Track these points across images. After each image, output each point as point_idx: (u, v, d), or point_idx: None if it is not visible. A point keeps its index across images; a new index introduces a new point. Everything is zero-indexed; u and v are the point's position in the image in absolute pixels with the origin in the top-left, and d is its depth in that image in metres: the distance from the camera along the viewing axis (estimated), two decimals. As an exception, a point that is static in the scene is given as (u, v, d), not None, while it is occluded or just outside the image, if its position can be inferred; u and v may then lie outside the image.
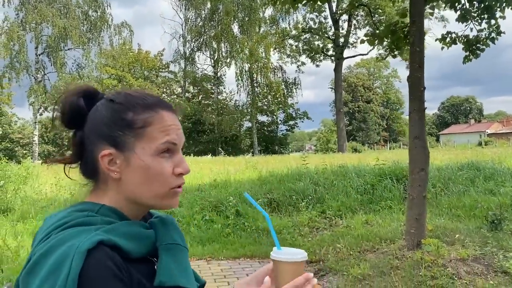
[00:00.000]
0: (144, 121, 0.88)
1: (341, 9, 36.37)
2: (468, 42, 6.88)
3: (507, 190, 8.12)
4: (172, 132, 0.90)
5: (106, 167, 0.87)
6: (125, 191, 0.89)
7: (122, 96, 0.92)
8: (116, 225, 0.83)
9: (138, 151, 0.87)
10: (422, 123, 5.64)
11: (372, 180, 9.03)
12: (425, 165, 5.58)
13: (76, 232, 0.77)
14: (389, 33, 6.66)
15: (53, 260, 0.73)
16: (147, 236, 0.87)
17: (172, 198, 0.91)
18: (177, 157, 0.90)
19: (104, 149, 0.87)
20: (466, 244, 5.63)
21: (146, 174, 0.87)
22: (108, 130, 0.88)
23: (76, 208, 0.87)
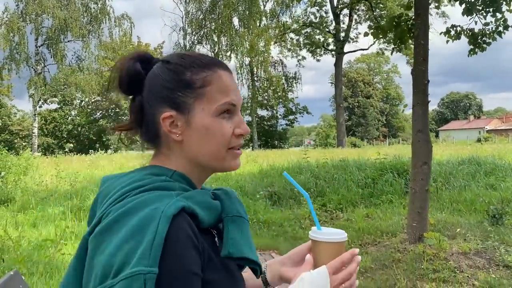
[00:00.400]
0: (203, 81, 0.88)
1: (342, 3, 36.23)
2: (474, 35, 6.83)
3: (508, 185, 8.13)
4: (232, 93, 0.90)
5: (167, 130, 0.87)
6: (187, 153, 0.89)
7: (177, 57, 0.92)
8: (192, 193, 0.83)
9: (198, 112, 0.87)
10: (425, 117, 5.62)
11: (373, 174, 9.03)
12: (427, 159, 5.57)
13: (158, 196, 0.78)
14: (393, 26, 6.62)
15: (136, 221, 0.72)
16: (216, 207, 0.86)
17: (233, 159, 0.91)
18: (236, 118, 0.90)
19: (164, 112, 0.87)
20: (467, 238, 5.63)
21: (206, 135, 0.87)
22: (168, 92, 0.88)
23: (150, 171, 0.87)
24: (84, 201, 8.46)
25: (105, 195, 0.85)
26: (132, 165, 13.10)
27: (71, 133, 40.62)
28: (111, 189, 0.85)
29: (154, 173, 0.86)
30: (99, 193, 0.89)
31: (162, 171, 0.87)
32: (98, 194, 0.90)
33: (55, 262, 4.97)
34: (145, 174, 0.86)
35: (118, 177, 0.89)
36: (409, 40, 6.68)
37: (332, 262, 0.87)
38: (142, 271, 0.68)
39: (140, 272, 0.68)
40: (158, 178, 0.84)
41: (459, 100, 74.46)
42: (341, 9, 36.69)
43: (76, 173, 11.29)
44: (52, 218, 7.39)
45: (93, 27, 32.43)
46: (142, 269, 0.68)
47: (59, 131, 40.16)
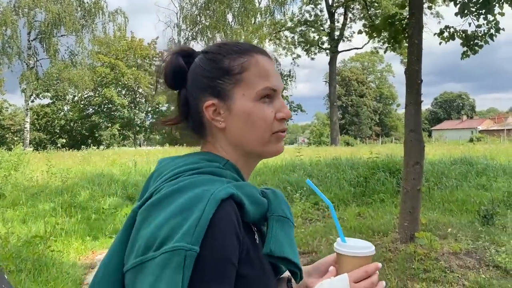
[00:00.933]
0: (241, 66, 0.89)
1: (337, 2, 36.21)
2: (467, 37, 6.83)
3: (499, 186, 8.17)
4: (272, 77, 0.90)
5: (211, 117, 0.90)
6: (231, 140, 0.91)
7: (215, 47, 0.94)
8: (243, 183, 0.84)
9: (238, 98, 0.88)
10: (418, 116, 5.62)
11: (365, 173, 9.04)
12: (420, 159, 5.57)
13: (210, 180, 0.80)
14: (387, 25, 6.61)
15: (186, 199, 0.74)
16: (262, 204, 0.87)
17: (277, 143, 0.91)
18: (277, 102, 0.91)
19: (207, 100, 0.89)
20: (458, 238, 5.65)
21: (248, 120, 0.88)
22: (208, 81, 0.90)
23: (204, 157, 0.89)
24: (75, 197, 8.40)
25: (159, 174, 0.87)
26: (124, 161, 13.04)
27: (64, 129, 40.32)
28: (165, 169, 0.87)
29: (208, 159, 0.88)
30: (154, 172, 0.91)
31: (216, 159, 0.89)
32: (152, 172, 0.92)
33: (44, 259, 4.92)
34: (200, 158, 0.88)
35: (173, 159, 0.91)
36: (403, 39, 6.68)
37: (355, 271, 0.87)
38: (184, 247, 0.69)
39: (182, 247, 0.69)
40: (212, 163, 0.86)
41: (452, 100, 74.86)
42: (336, 8, 36.69)
43: (68, 169, 11.21)
44: (42, 215, 7.33)
45: (86, 22, 32.17)
46: (184, 245, 0.69)
47: (51, 126, 39.84)
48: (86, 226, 6.87)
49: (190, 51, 0.95)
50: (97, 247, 6.10)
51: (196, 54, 0.95)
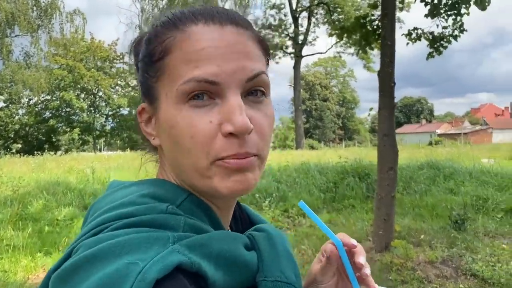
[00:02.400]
0: (162, 48, 0.57)
1: (301, 7, 36.49)
2: (433, 38, 6.82)
3: (467, 189, 8.16)
4: (208, 60, 0.54)
5: (143, 129, 0.64)
6: (169, 162, 0.62)
7: (160, 18, 0.62)
8: (205, 238, 0.52)
9: (162, 100, 0.58)
10: (391, 120, 5.44)
11: (334, 178, 8.87)
12: (394, 164, 5.40)
13: (145, 240, 0.48)
14: (358, 26, 6.45)
15: (99, 278, 0.45)
16: (245, 264, 0.54)
17: (226, 176, 0.55)
18: (225, 105, 0.55)
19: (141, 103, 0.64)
20: (433, 245, 5.50)
21: (172, 134, 0.56)
22: (139, 74, 0.63)
23: (151, 190, 0.57)
24: (26, 208, 7.75)
25: (95, 212, 0.60)
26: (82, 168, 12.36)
27: (18, 133, 38.49)
28: (101, 206, 0.59)
29: (155, 196, 0.56)
30: (93, 204, 0.65)
31: (170, 194, 0.57)
32: (91, 205, 0.65)
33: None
34: (143, 194, 0.56)
35: (117, 188, 0.62)
36: (375, 41, 6.55)
37: None
38: None
39: None
40: (158, 206, 0.54)
41: (411, 104, 77.02)
42: (300, 12, 36.96)
43: (20, 177, 10.42)
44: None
45: (42, 22, 30.88)
46: None
47: (5, 131, 37.93)
48: (37, 240, 6.28)
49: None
50: (49, 264, 5.55)
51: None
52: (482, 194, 7.88)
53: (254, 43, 0.59)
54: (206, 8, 0.59)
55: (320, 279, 0.67)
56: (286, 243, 0.64)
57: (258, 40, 0.60)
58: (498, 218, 6.75)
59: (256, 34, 0.60)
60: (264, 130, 0.56)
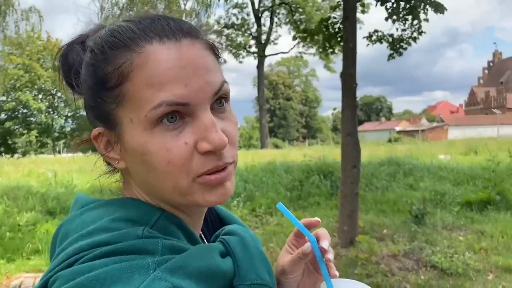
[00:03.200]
0: (119, 73, 0.54)
1: (263, 6, 36.68)
2: (393, 40, 7.09)
3: (426, 185, 8.53)
4: (174, 81, 0.53)
5: (102, 153, 0.61)
6: (139, 183, 0.61)
7: (100, 36, 0.59)
8: (185, 257, 0.52)
9: (126, 126, 0.56)
10: (354, 120, 5.63)
11: (299, 177, 9.04)
12: (357, 162, 5.59)
13: (124, 270, 0.48)
14: (321, 29, 6.62)
15: None
16: (222, 273, 0.55)
17: (208, 191, 0.57)
18: (198, 124, 0.55)
19: (95, 127, 0.61)
20: (395, 239, 5.74)
21: (146, 161, 0.55)
22: (89, 98, 0.59)
23: (123, 214, 0.56)
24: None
25: (64, 235, 0.59)
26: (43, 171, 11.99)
27: (-29, 136, 36.74)
28: (70, 228, 0.58)
29: (128, 218, 0.56)
30: (61, 224, 0.63)
31: (142, 214, 0.57)
32: (60, 225, 0.63)
33: None
34: (114, 218, 0.55)
35: (84, 209, 0.61)
36: (337, 43, 6.74)
37: None
38: None
39: None
40: (132, 231, 0.53)
41: (371, 103, 79.06)
42: (262, 12, 37.13)
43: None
44: None
45: (-4, 20, 29.57)
46: None
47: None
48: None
49: (83, 37, 0.63)
50: (12, 270, 5.39)
51: (86, 45, 0.61)
52: (440, 189, 8.26)
53: (209, 53, 0.58)
54: (154, 21, 0.57)
55: (290, 271, 0.71)
56: (258, 244, 0.67)
57: (210, 47, 0.60)
58: (455, 211, 7.10)
59: (206, 41, 0.59)
60: (235, 138, 0.59)
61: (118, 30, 0.57)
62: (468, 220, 6.70)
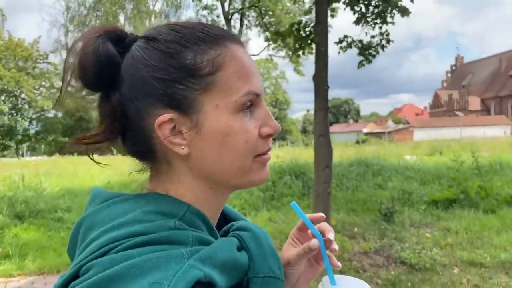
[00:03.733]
0: (213, 63, 0.61)
1: (233, 9, 36.76)
2: (363, 47, 7.26)
3: (394, 184, 8.80)
4: (253, 77, 0.64)
5: (167, 140, 0.61)
6: (196, 170, 0.64)
7: (169, 31, 0.64)
8: (212, 249, 0.56)
9: (210, 110, 0.61)
10: (326, 122, 5.78)
11: (272, 178, 9.15)
12: (329, 162, 5.73)
13: (162, 259, 0.51)
14: (293, 32, 6.75)
15: None
16: (241, 265, 0.60)
17: (261, 169, 0.66)
18: (261, 112, 0.65)
19: (160, 114, 0.61)
20: (366, 237, 5.91)
21: (225, 142, 0.62)
22: (161, 84, 0.61)
23: (153, 207, 0.60)
24: None
25: (89, 227, 0.61)
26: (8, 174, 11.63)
27: None
28: (98, 220, 0.61)
29: (159, 211, 0.59)
30: (83, 218, 0.64)
31: (171, 208, 0.60)
32: (81, 218, 0.65)
33: None
34: (146, 211, 0.59)
35: (109, 202, 0.63)
36: (308, 46, 6.87)
37: None
38: None
39: None
40: (165, 222, 0.57)
41: (339, 105, 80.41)
42: (232, 14, 37.18)
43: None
44: None
45: (-45, 18, 28.47)
46: None
47: None
48: (-36, 254, 5.90)
49: (121, 33, 0.65)
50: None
51: (130, 38, 0.65)
52: (407, 188, 8.55)
53: None
54: (219, 28, 0.66)
55: (295, 263, 0.77)
56: (269, 240, 0.70)
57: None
58: (422, 209, 7.37)
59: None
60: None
61: (204, 28, 0.64)
62: (434, 217, 6.97)
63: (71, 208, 7.71)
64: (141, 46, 0.63)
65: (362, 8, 6.81)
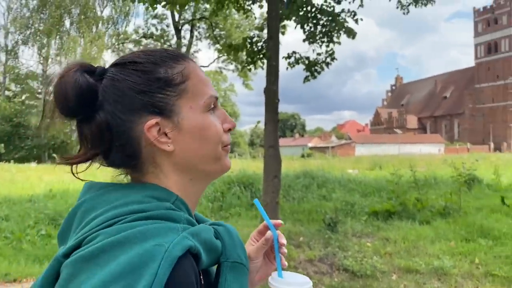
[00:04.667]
0: (182, 75, 0.76)
1: (183, 19, 36.69)
2: (309, 63, 7.60)
3: (337, 196, 9.15)
4: (210, 84, 0.81)
5: (156, 140, 0.73)
6: (180, 163, 0.76)
7: (141, 55, 0.77)
8: (198, 229, 0.69)
9: (186, 111, 0.76)
10: (276, 133, 5.97)
11: (221, 188, 9.22)
12: (278, 173, 5.92)
13: (162, 228, 0.63)
14: (246, 46, 6.93)
15: (132, 257, 0.58)
16: (217, 248, 0.72)
17: (226, 157, 0.82)
18: (220, 112, 0.81)
19: (147, 120, 0.73)
20: (311, 245, 6.12)
21: (202, 135, 0.76)
22: (144, 96, 0.73)
23: (150, 193, 0.72)
24: None
25: (88, 210, 0.70)
26: None
27: None
28: (97, 204, 0.70)
29: (156, 197, 0.71)
30: (80, 203, 0.73)
31: (165, 195, 0.72)
32: (78, 204, 0.74)
33: None
34: (145, 195, 0.71)
35: (107, 190, 0.73)
36: (259, 60, 7.08)
37: None
38: None
39: None
40: (162, 204, 0.70)
41: (286, 119, 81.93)
42: (182, 25, 37.11)
43: None
44: None
45: None
46: None
47: None
48: None
49: (90, 66, 0.76)
50: None
51: (100, 69, 0.76)
52: (350, 199, 8.92)
53: None
54: (176, 50, 0.83)
55: (255, 257, 0.89)
56: (238, 234, 0.81)
57: None
58: (363, 220, 7.72)
59: None
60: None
61: (167, 50, 0.80)
62: (375, 228, 7.33)
63: (9, 217, 7.35)
64: (119, 70, 0.75)
65: (311, 27, 7.13)
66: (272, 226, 0.87)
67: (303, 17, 6.96)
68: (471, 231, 6.84)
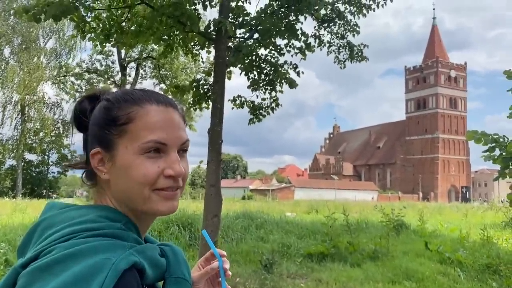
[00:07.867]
0: (127, 117, 0.84)
1: (129, 57, 36.59)
2: (254, 107, 7.94)
3: (275, 237, 9.37)
4: (160, 130, 0.83)
5: (95, 166, 0.85)
6: (114, 194, 0.86)
7: (116, 94, 0.89)
8: (144, 247, 0.79)
9: (121, 150, 0.83)
10: (218, 173, 6.15)
11: (159, 227, 9.11)
12: (218, 212, 6.05)
13: (111, 245, 0.73)
14: (192, 88, 7.19)
15: (82, 268, 0.67)
16: (162, 265, 0.81)
17: (161, 201, 0.84)
18: (169, 158, 0.84)
19: (94, 148, 0.86)
20: (247, 286, 6.23)
21: (127, 174, 0.82)
22: (97, 129, 0.86)
23: (104, 214, 0.81)
24: None
25: (48, 226, 0.79)
26: None
27: None
28: (56, 221, 0.79)
29: (109, 217, 0.81)
30: (40, 221, 0.82)
31: (117, 217, 0.82)
32: (38, 221, 0.83)
33: None
34: (99, 215, 0.80)
35: (66, 209, 0.83)
36: (205, 102, 7.33)
37: None
38: None
39: None
40: (113, 224, 0.79)
41: (229, 161, 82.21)
42: (128, 62, 36.95)
43: None
44: None
45: None
46: None
47: None
48: None
49: (95, 95, 0.91)
50: None
51: (101, 99, 0.89)
52: (286, 241, 9.16)
53: (181, 119, 0.90)
54: (153, 92, 0.89)
55: (198, 281, 0.95)
56: (183, 254, 0.89)
57: (182, 116, 0.91)
58: (298, 262, 7.96)
59: (180, 112, 0.91)
60: (187, 174, 0.92)
61: (131, 92, 0.89)
62: (309, 269, 7.58)
63: None
64: (100, 104, 0.89)
65: (255, 75, 7.54)
66: (218, 254, 0.96)
67: (248, 65, 7.35)
68: (397, 273, 7.27)
